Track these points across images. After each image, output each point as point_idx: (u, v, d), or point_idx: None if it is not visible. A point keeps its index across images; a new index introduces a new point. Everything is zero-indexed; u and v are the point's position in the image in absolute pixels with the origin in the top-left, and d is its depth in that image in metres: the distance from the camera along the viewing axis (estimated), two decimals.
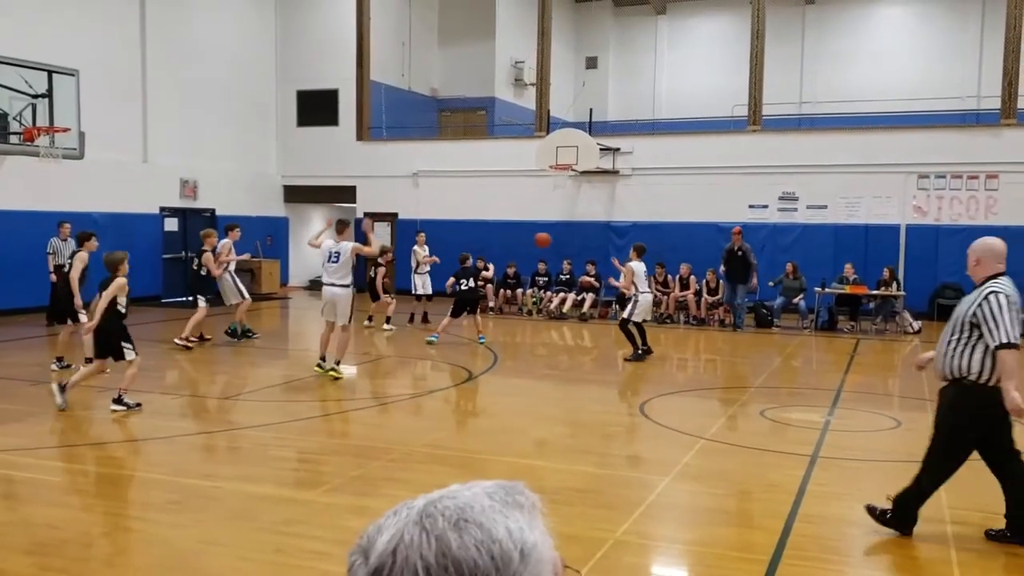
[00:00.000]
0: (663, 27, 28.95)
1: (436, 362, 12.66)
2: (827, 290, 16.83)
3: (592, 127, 20.78)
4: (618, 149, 20.20)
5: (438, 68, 26.40)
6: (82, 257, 10.83)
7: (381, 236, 18.76)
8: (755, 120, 19.83)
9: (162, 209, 19.69)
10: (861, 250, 18.37)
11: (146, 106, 19.48)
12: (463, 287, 13.97)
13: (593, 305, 17.89)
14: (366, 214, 23.07)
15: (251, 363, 12.57)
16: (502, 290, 18.95)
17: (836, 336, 16.30)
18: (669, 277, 17.66)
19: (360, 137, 23.08)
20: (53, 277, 14.21)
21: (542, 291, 18.76)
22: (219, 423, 8.89)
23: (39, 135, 13.35)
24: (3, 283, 15.55)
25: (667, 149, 20.21)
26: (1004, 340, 5.07)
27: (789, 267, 17.30)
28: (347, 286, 10.94)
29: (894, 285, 16.74)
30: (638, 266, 12.79)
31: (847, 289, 16.72)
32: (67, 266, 11.45)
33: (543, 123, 21.25)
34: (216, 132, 21.21)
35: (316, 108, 23.30)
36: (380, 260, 15.53)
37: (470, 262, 14.64)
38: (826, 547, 5.46)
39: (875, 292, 16.77)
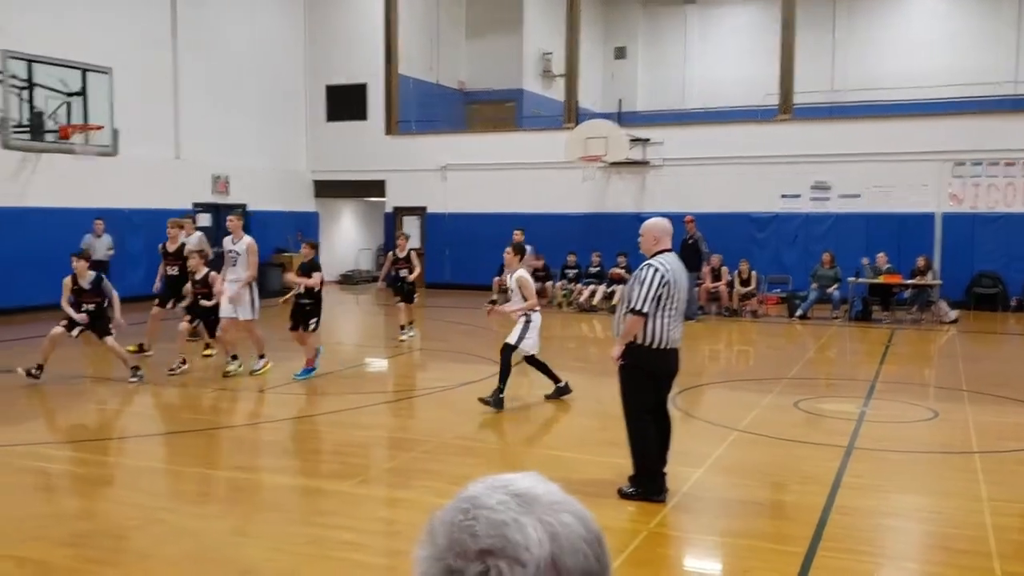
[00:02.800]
0: (693, 16, 28.71)
1: (467, 355, 12.67)
2: (860, 280, 16.62)
3: (621, 118, 20.71)
4: (648, 140, 20.08)
5: (466, 61, 26.38)
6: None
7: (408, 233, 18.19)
8: (786, 109, 19.61)
9: (195, 205, 19.87)
10: (895, 239, 18.12)
11: (178, 103, 19.67)
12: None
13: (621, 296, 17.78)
14: (396, 208, 23.18)
15: (282, 357, 12.63)
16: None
17: (870, 326, 16.09)
18: (704, 267, 17.53)
19: (389, 131, 23.14)
20: None
21: (572, 283, 18.71)
22: (250, 415, 8.96)
23: (74, 133, 13.52)
24: (39, 279, 15.74)
25: (697, 139, 20.06)
26: None
27: (826, 257, 17.08)
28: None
29: (929, 275, 16.49)
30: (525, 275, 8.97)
31: (881, 279, 16.50)
32: (107, 261, 11.66)
33: (572, 114, 21.17)
34: (247, 128, 21.37)
35: (345, 103, 23.40)
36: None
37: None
38: (862, 539, 5.39)
39: (909, 281, 16.53)
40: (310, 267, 10.46)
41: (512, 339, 8.77)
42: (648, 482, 5.93)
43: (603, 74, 28.18)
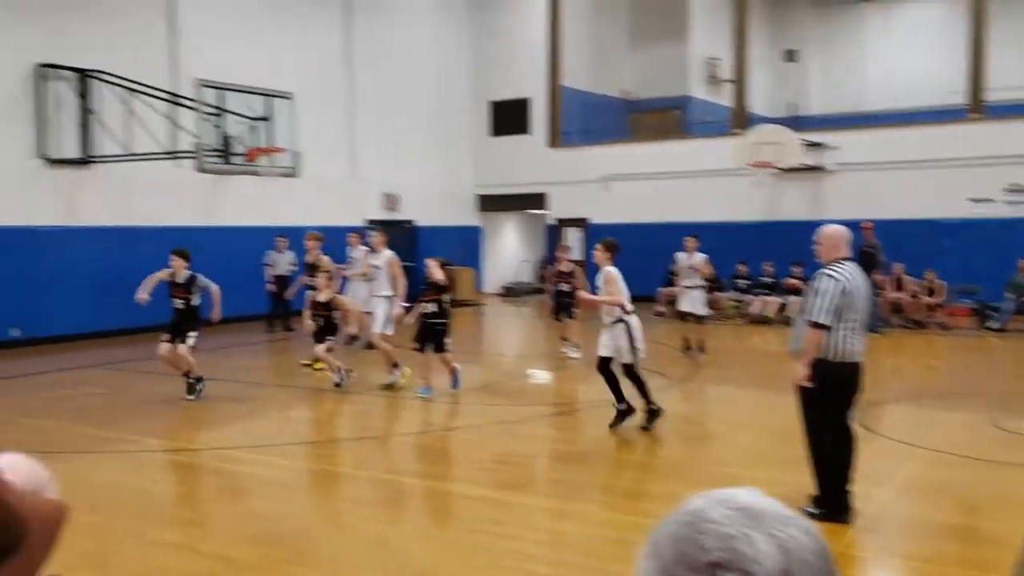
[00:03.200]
0: (869, 13, 27.37)
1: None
2: None
3: (794, 122, 19.92)
4: (822, 144, 19.25)
5: (629, 70, 26.21)
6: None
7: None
8: (976, 107, 18.31)
9: (367, 221, 20.68)
10: None
11: (353, 124, 20.59)
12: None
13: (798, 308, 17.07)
14: (559, 220, 23.28)
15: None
16: None
17: None
18: (883, 278, 16.59)
19: (552, 144, 23.30)
20: (271, 286, 15.24)
21: (743, 294, 18.15)
22: (422, 424, 9.16)
23: (260, 156, 14.34)
24: (228, 293, 16.80)
25: (876, 142, 19.03)
26: None
27: (1022, 264, 15.79)
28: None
29: None
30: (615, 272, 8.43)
31: None
32: (289, 276, 12.28)
33: (741, 120, 20.61)
34: (415, 146, 22.09)
35: (509, 118, 23.77)
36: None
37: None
38: None
39: None
40: (437, 288, 10.05)
41: (605, 351, 8.11)
42: (833, 502, 5.61)
43: (773, 78, 27.29)
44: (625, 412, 8.22)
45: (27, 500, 1.34)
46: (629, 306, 8.20)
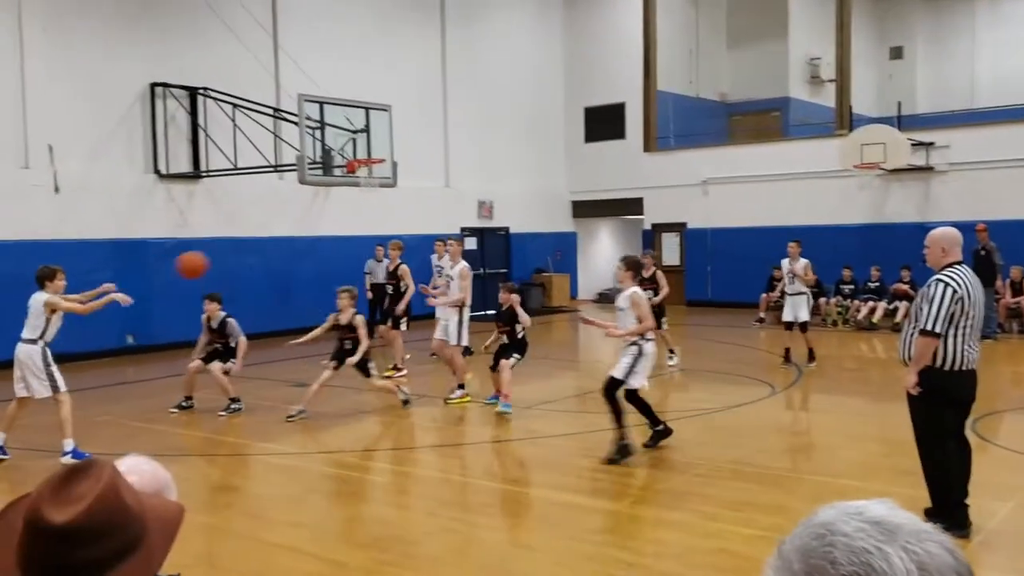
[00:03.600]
0: (978, 6, 26.22)
1: (736, 376, 12.25)
2: None
3: (900, 121, 19.23)
4: (932, 143, 18.52)
5: (727, 72, 25.78)
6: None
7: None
8: None
9: (462, 229, 20.90)
10: None
11: (447, 133, 20.85)
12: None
13: (907, 315, 16.45)
14: (653, 225, 23.04)
15: (544, 374, 12.88)
16: None
17: None
18: (1000, 282, 15.84)
19: (647, 148, 23.08)
20: (369, 294, 15.53)
21: (848, 300, 17.60)
22: (524, 431, 9.18)
23: (359, 167, 14.65)
24: (331, 301, 17.19)
25: (989, 140, 18.19)
26: None
27: None
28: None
29: None
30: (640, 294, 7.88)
31: None
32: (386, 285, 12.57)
33: (844, 120, 20.01)
34: (509, 153, 22.21)
35: (603, 123, 23.66)
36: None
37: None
38: None
39: None
40: (510, 317, 9.82)
41: (619, 373, 7.54)
42: (949, 516, 5.37)
43: (877, 76, 26.42)
44: (663, 433, 7.95)
45: (147, 502, 1.40)
46: (652, 333, 7.77)
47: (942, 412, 5.47)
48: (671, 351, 12.79)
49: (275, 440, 8.65)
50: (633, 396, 7.64)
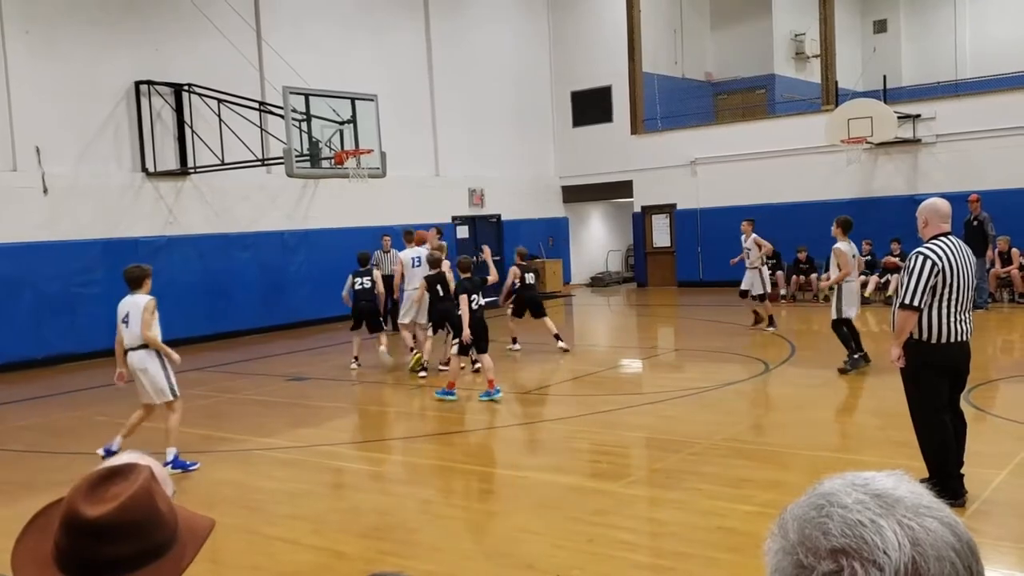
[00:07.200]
0: None
1: (729, 354, 12.31)
2: None
3: (886, 95, 19.25)
4: (918, 116, 18.56)
5: (712, 51, 25.76)
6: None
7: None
8: None
9: (454, 218, 20.88)
10: None
11: (436, 122, 20.79)
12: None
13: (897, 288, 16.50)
14: (643, 207, 23.06)
15: (542, 360, 12.92)
16: (794, 276, 18.08)
17: None
18: (991, 251, 15.89)
19: (634, 131, 23.07)
20: (379, 286, 15.53)
21: None
22: (521, 416, 9.22)
23: (347, 158, 14.58)
24: (324, 294, 17.20)
25: (976, 110, 18.24)
26: None
27: None
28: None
29: None
30: (847, 247, 10.15)
31: None
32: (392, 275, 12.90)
33: (830, 96, 20.02)
34: (498, 140, 22.18)
35: (590, 107, 23.64)
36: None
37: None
38: None
39: None
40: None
41: (834, 311, 10.20)
42: (944, 486, 5.42)
43: (862, 50, 26.40)
44: (856, 361, 10.07)
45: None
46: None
47: (934, 384, 5.51)
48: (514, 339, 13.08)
49: (273, 435, 8.66)
50: (844, 324, 10.15)
